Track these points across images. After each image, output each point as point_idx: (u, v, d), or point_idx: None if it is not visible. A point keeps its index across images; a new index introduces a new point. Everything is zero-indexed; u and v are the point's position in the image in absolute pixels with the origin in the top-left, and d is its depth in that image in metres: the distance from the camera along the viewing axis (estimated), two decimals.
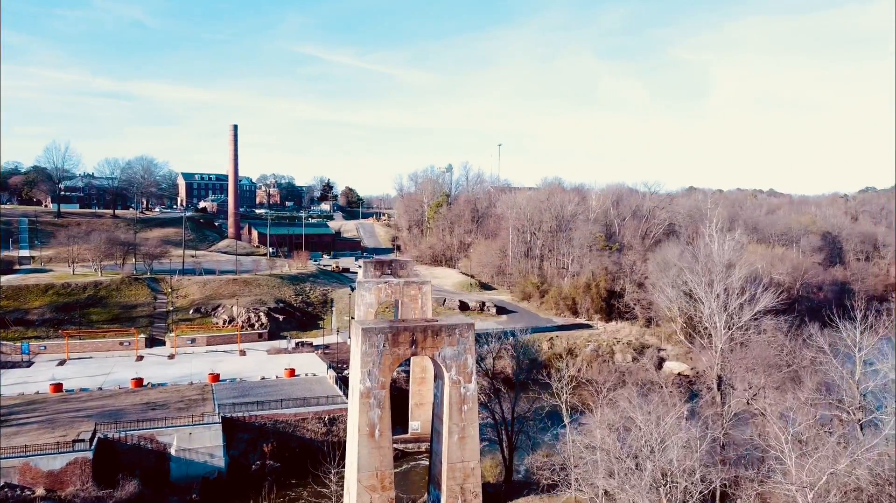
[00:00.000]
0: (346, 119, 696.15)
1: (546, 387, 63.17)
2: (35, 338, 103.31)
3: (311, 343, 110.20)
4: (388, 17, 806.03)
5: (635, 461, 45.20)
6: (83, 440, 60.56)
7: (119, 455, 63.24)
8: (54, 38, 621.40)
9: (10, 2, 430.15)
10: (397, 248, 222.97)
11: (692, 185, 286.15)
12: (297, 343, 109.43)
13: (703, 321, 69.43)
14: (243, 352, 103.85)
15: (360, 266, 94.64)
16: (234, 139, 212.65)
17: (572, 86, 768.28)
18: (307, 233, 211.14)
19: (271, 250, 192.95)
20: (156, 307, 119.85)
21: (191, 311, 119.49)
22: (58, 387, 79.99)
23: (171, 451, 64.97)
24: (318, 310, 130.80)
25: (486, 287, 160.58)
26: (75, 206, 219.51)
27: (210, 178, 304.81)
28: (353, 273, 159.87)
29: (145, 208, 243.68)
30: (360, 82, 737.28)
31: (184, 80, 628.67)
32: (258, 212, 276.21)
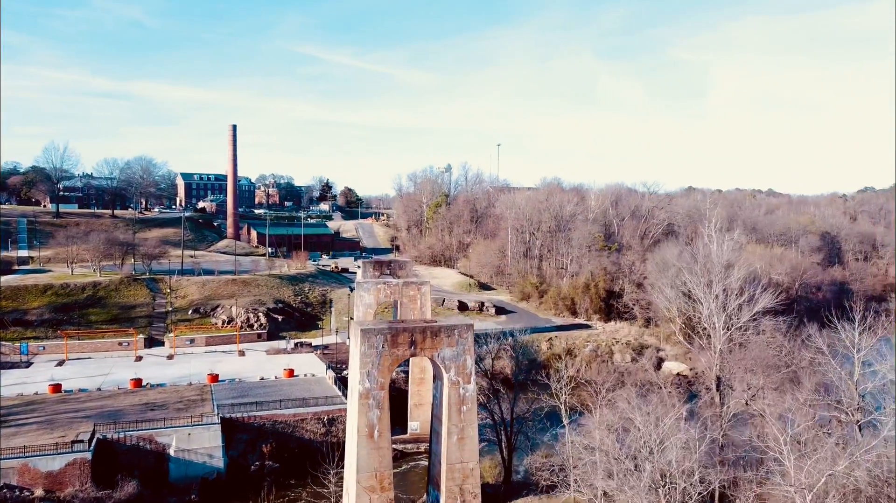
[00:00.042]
0: (346, 119, 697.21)
1: (545, 387, 63.27)
2: (34, 339, 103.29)
3: (310, 343, 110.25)
4: (388, 16, 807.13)
5: (634, 462, 45.28)
6: (82, 441, 60.64)
7: (118, 456, 63.26)
8: (54, 38, 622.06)
9: (10, 2, 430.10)
10: (396, 248, 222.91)
11: (691, 185, 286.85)
12: (296, 343, 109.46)
13: (702, 322, 69.48)
14: (242, 353, 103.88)
15: (359, 266, 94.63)
16: (233, 139, 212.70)
17: (571, 86, 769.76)
18: (306, 233, 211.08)
19: (270, 250, 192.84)
20: (155, 307, 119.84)
21: (190, 312, 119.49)
22: (57, 387, 80.00)
23: (170, 452, 64.99)
24: (317, 310, 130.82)
25: (485, 287, 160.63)
26: (74, 207, 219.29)
27: (209, 179, 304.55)
28: (352, 273, 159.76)
29: (144, 208, 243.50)
30: (359, 82, 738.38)
31: (183, 80, 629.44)
32: (257, 212, 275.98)
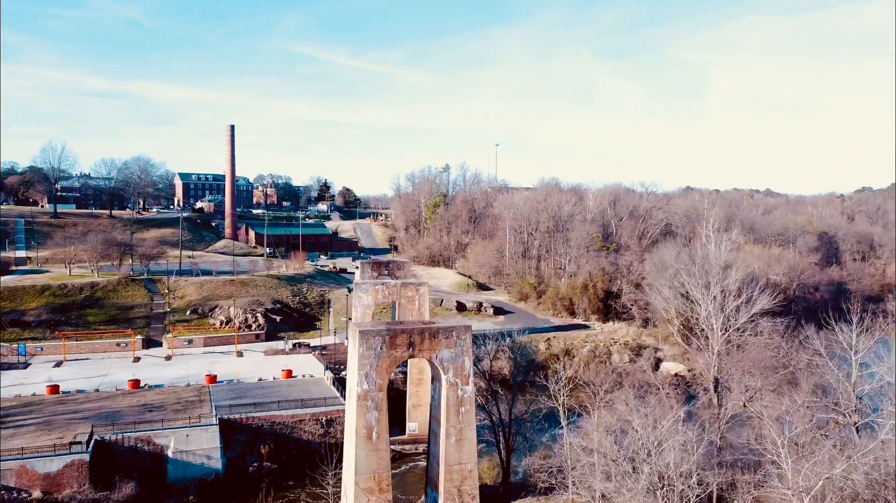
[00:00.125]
0: (344, 119, 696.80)
1: (543, 388, 63.26)
2: (31, 340, 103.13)
3: (308, 344, 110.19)
4: (386, 16, 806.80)
5: (632, 464, 45.35)
6: (80, 442, 60.61)
7: (116, 457, 63.23)
8: (52, 38, 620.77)
9: (9, 1, 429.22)
10: (394, 248, 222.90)
11: (689, 185, 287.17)
12: (294, 344, 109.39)
13: (700, 323, 69.56)
14: (240, 354, 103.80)
15: (357, 267, 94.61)
16: (232, 139, 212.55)
17: (570, 85, 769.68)
18: (304, 233, 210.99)
19: (268, 251, 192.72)
20: (153, 308, 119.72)
21: (188, 312, 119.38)
22: (54, 388, 79.87)
23: (169, 453, 64.95)
24: (316, 310, 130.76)
25: (483, 287, 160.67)
26: (72, 207, 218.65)
27: (207, 179, 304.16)
28: (350, 273, 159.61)
29: (142, 209, 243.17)
30: (357, 82, 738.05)
31: (181, 80, 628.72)
32: (255, 212, 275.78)
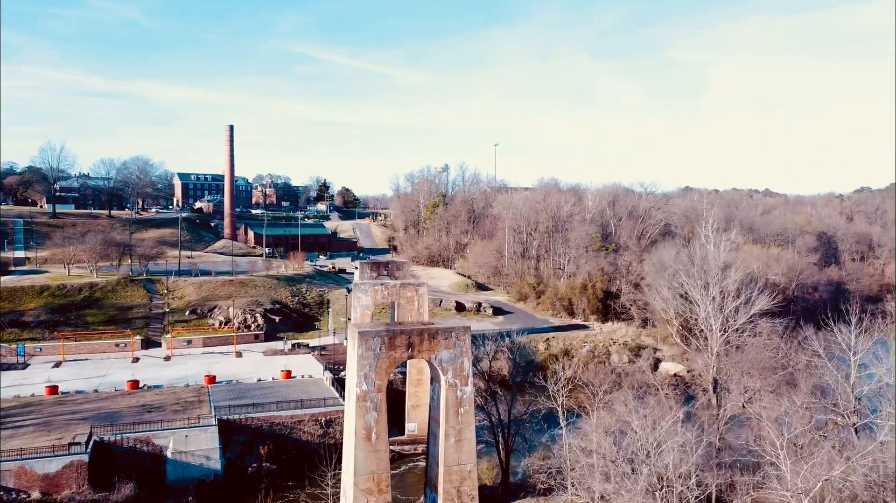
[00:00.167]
0: (343, 119, 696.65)
1: (542, 389, 63.30)
2: (30, 340, 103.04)
3: (307, 344, 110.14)
4: (385, 16, 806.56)
5: (631, 465, 45.35)
6: (79, 443, 60.57)
7: (115, 458, 63.18)
8: (51, 38, 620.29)
9: (8, 1, 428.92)
10: (394, 248, 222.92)
11: (688, 185, 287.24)
12: (293, 344, 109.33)
13: (699, 323, 69.62)
14: (239, 354, 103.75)
15: (356, 267, 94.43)
16: (231, 139, 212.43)
17: (569, 85, 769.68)
18: (303, 233, 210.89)
19: (267, 251, 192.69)
20: (152, 308, 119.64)
21: (187, 313, 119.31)
22: (53, 389, 79.80)
23: (168, 454, 64.93)
24: (315, 311, 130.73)
25: (482, 288, 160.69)
26: (71, 207, 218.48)
27: (206, 179, 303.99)
28: (349, 274, 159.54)
29: (141, 209, 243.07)
30: (357, 82, 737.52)
31: (180, 80, 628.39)
32: (254, 212, 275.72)
